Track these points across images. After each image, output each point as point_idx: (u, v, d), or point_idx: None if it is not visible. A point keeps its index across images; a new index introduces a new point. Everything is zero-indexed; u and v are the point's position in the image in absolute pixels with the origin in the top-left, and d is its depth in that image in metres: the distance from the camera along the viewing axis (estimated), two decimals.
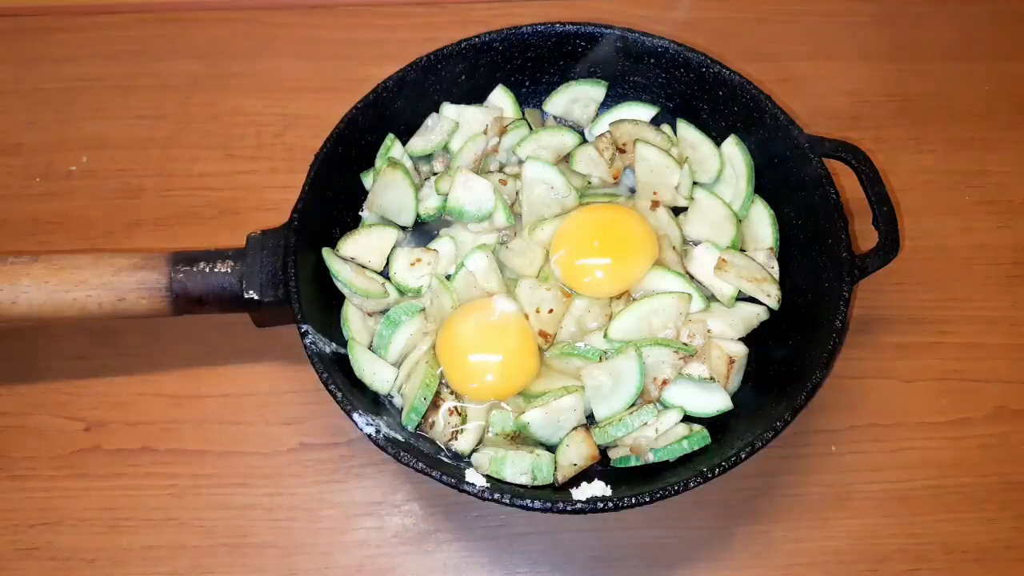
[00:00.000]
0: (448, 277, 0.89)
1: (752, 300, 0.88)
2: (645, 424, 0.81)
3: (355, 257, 0.89)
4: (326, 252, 0.86)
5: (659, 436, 0.81)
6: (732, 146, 0.93)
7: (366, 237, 0.90)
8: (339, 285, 0.86)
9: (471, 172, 0.90)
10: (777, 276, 0.89)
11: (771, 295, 0.87)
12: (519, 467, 0.79)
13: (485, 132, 0.95)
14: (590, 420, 0.84)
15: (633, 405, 0.82)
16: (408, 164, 0.93)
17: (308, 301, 0.82)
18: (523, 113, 0.99)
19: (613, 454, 0.83)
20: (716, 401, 0.83)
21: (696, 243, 0.91)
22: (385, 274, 0.90)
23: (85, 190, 1.05)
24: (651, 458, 0.81)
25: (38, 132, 1.08)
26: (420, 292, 0.88)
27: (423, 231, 0.94)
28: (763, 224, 0.91)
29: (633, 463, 0.81)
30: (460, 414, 0.82)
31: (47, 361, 0.94)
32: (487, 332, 0.85)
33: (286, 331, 0.86)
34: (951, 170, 1.06)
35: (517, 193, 0.92)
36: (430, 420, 0.83)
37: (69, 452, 0.90)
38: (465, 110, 0.96)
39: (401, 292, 0.88)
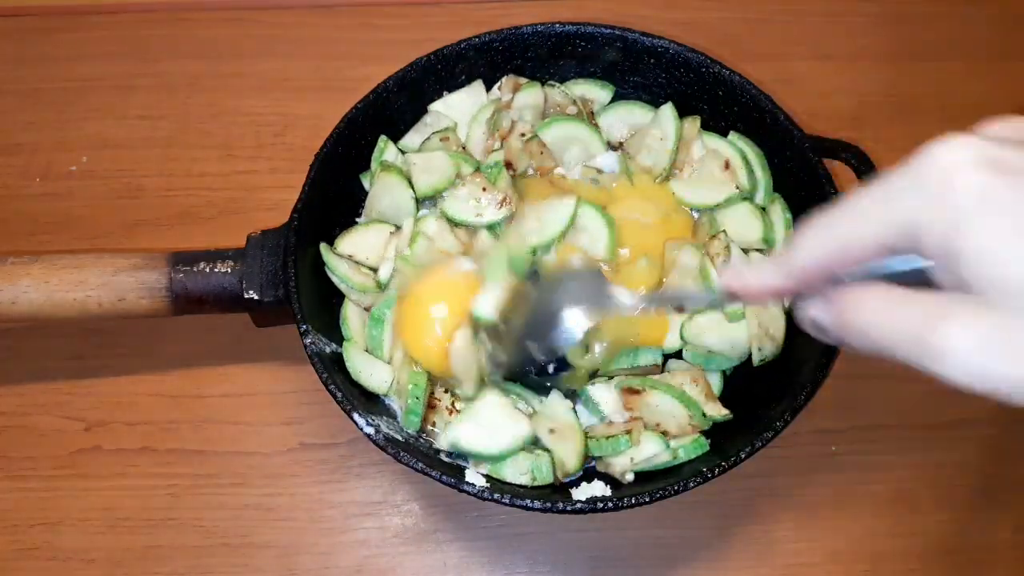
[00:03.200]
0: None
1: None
2: (620, 452, 0.80)
3: (352, 255, 0.88)
4: (323, 248, 0.86)
5: (637, 463, 0.80)
6: (738, 140, 0.93)
7: (363, 235, 0.90)
8: (336, 281, 0.86)
9: (422, 153, 0.91)
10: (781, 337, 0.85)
11: (762, 350, 0.83)
12: (519, 467, 0.79)
13: (496, 103, 0.95)
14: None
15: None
16: (401, 162, 0.93)
17: (308, 301, 0.82)
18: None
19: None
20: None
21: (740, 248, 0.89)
22: None
23: (85, 190, 1.05)
24: (629, 478, 0.80)
25: (38, 132, 1.08)
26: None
27: None
28: (777, 223, 0.91)
29: None
30: (460, 413, 0.82)
31: (47, 361, 0.94)
32: (435, 289, 0.82)
33: (286, 331, 0.85)
34: None
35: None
36: (431, 420, 0.82)
37: (69, 452, 0.90)
38: (450, 99, 0.96)
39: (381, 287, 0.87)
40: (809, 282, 0.49)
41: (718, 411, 0.82)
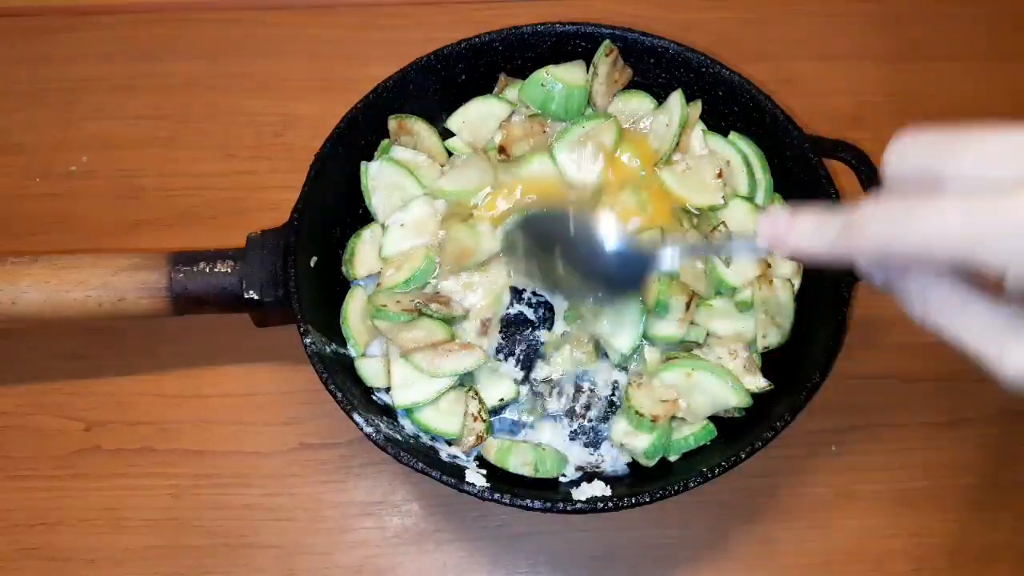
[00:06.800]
0: None
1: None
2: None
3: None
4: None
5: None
6: (738, 140, 0.93)
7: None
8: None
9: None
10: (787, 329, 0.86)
11: (767, 336, 0.85)
12: (522, 458, 0.79)
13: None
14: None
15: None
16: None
17: (308, 301, 0.82)
18: None
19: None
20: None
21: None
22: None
23: (85, 190, 1.05)
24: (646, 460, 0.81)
25: (38, 132, 1.08)
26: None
27: None
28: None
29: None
30: (484, 420, 0.82)
31: (47, 361, 0.94)
32: None
33: (286, 331, 0.85)
34: None
35: None
36: None
37: (69, 452, 0.90)
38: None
39: None
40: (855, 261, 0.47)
41: (757, 384, 0.82)
